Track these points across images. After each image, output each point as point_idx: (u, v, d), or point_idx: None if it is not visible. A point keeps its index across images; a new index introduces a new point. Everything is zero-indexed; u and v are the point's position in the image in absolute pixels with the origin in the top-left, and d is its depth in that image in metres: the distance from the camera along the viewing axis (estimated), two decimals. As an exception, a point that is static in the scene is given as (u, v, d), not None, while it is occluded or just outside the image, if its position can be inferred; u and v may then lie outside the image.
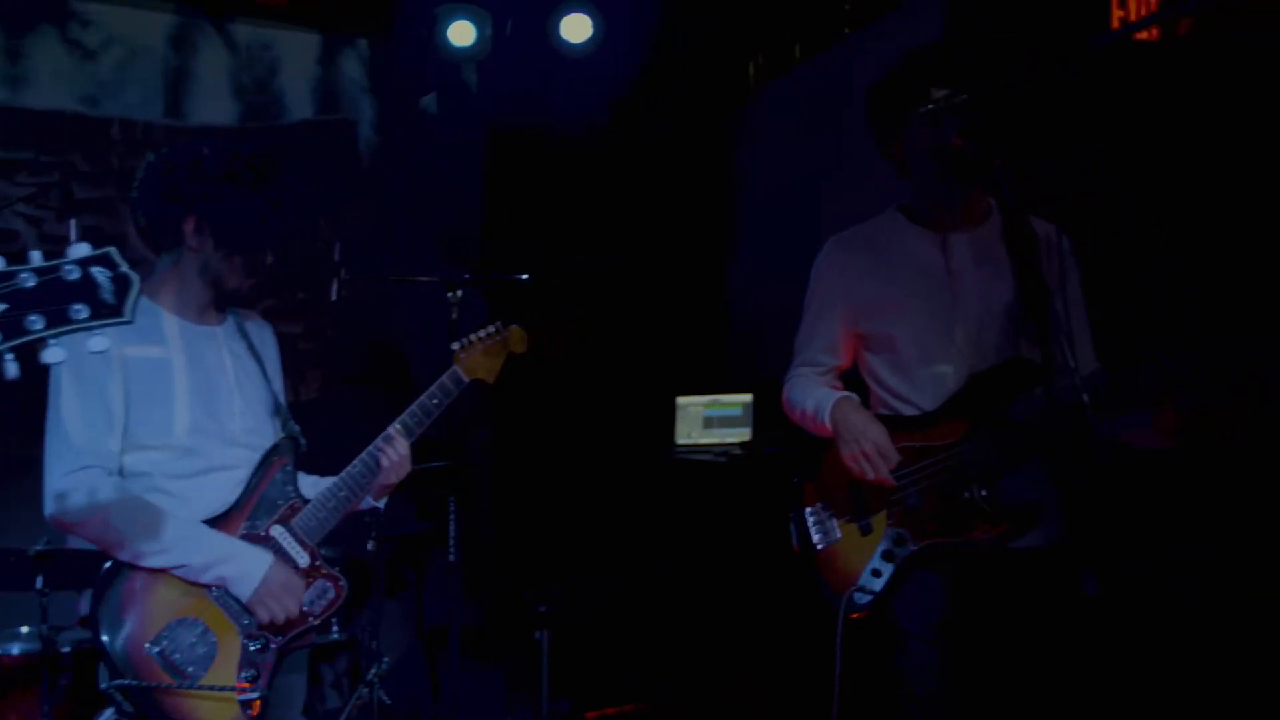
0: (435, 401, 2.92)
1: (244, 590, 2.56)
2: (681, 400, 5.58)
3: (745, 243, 6.26)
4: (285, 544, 2.68)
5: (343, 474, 2.81)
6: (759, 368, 5.54)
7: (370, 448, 2.83)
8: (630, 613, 5.19)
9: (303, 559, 2.69)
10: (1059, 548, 2.57)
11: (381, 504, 2.97)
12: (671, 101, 6.25)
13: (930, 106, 2.60)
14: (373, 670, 3.87)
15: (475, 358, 3.02)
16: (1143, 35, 4.74)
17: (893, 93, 2.71)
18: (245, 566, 2.58)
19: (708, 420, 5.52)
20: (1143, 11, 4.89)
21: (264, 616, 2.58)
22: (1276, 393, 2.36)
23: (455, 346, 3.04)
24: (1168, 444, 2.44)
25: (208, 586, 2.56)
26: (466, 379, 3.00)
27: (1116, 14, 4.88)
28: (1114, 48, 4.57)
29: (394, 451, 2.81)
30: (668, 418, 5.59)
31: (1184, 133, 4.03)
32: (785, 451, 4.98)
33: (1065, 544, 2.56)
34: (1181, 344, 2.35)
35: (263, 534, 2.67)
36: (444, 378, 2.96)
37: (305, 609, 2.66)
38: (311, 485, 2.87)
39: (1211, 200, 3.84)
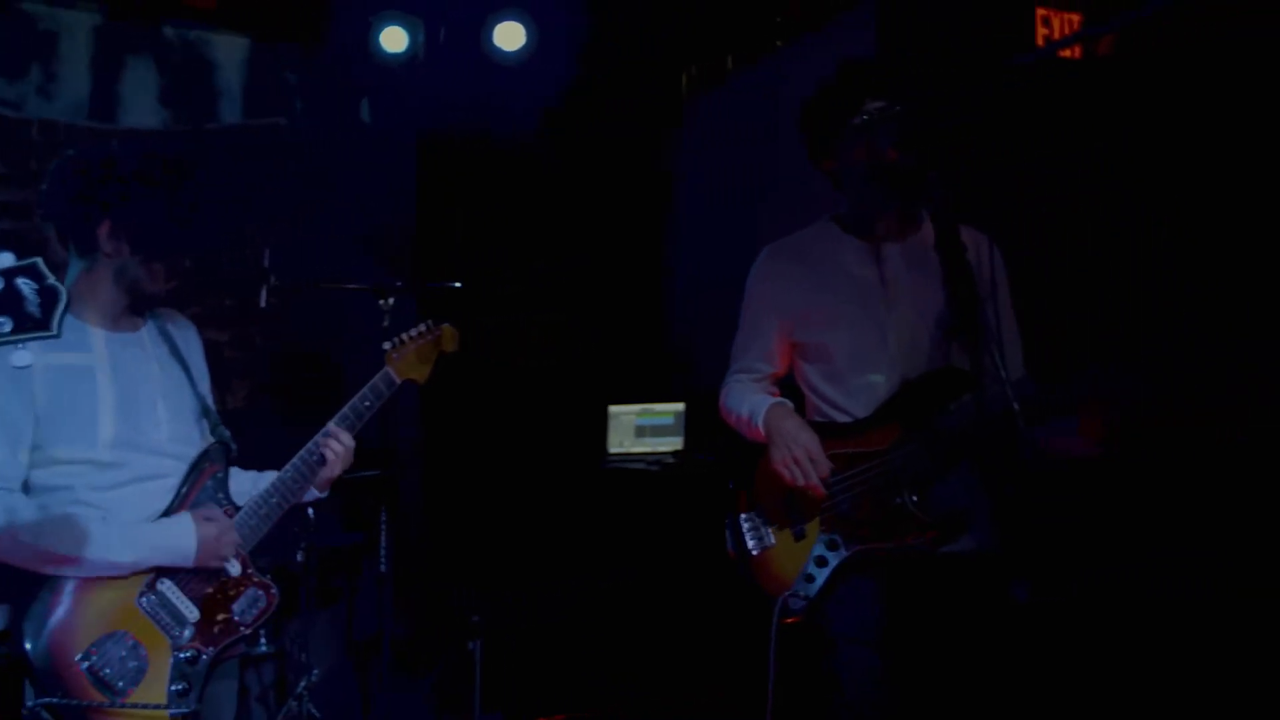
0: (367, 404, 2.89)
1: (185, 561, 2.53)
2: (614, 409, 5.59)
3: (678, 251, 6.29)
4: None
5: (274, 481, 2.76)
6: (691, 377, 5.55)
7: (309, 446, 2.79)
8: (564, 622, 5.18)
9: (234, 567, 2.64)
10: (989, 553, 2.61)
11: (324, 495, 2.92)
12: (604, 110, 6.26)
13: (865, 119, 2.64)
14: (302, 683, 3.81)
15: (407, 358, 2.99)
16: (1066, 53, 4.86)
17: (828, 105, 2.74)
18: (173, 545, 2.54)
19: (640, 429, 5.53)
20: (1066, 30, 5.01)
21: (214, 565, 2.56)
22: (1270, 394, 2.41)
23: (386, 346, 3.00)
24: (1093, 451, 2.49)
25: (138, 598, 2.51)
26: (399, 380, 2.96)
27: (1041, 32, 5.00)
28: (1039, 65, 4.68)
29: (338, 444, 2.79)
30: (600, 426, 5.60)
31: (1107, 146, 4.14)
32: (717, 460, 5.01)
33: (996, 550, 2.60)
34: (1107, 355, 2.41)
35: None
36: (376, 379, 2.93)
37: (236, 618, 2.62)
38: (248, 479, 2.84)
39: (1135, 211, 3.94)
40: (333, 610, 5.09)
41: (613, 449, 5.54)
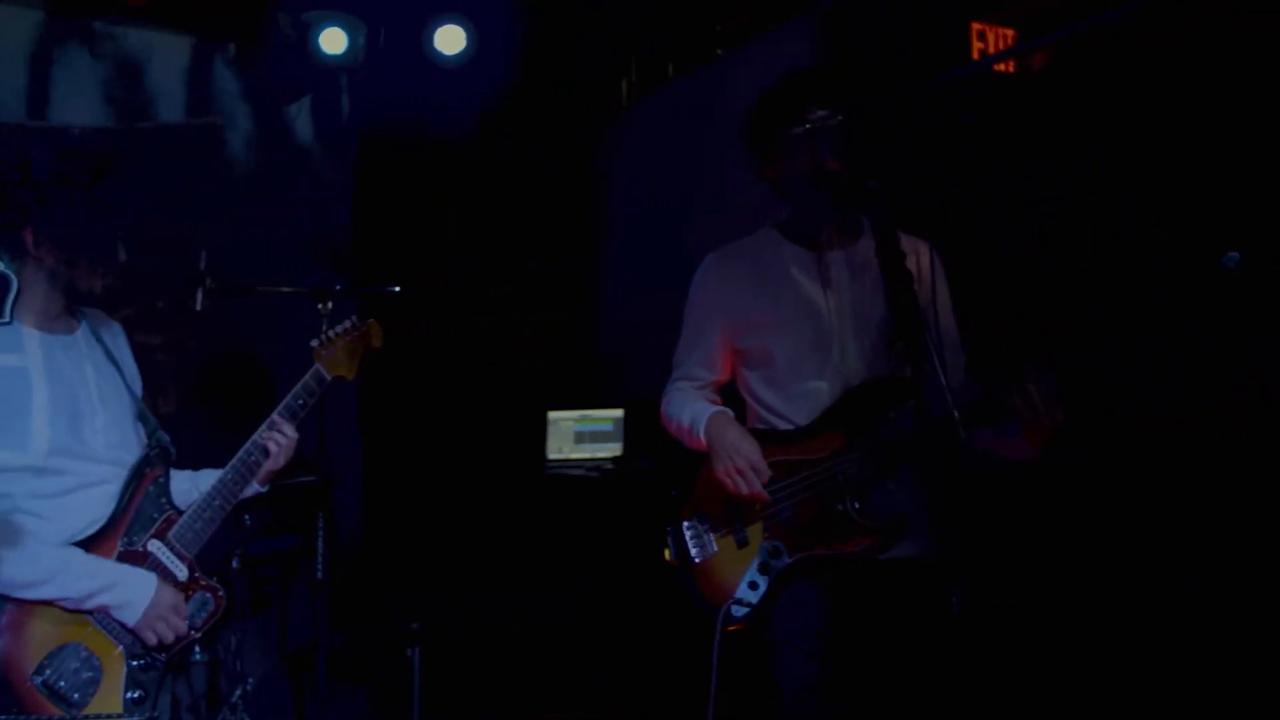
0: (301, 402, 2.88)
1: (130, 616, 2.50)
2: (553, 415, 5.58)
3: (615, 257, 6.30)
4: (163, 558, 2.62)
5: (216, 483, 2.74)
6: (630, 382, 5.57)
7: (249, 443, 2.77)
8: (504, 629, 5.15)
9: (181, 572, 2.62)
10: (931, 559, 2.63)
11: (265, 489, 2.90)
12: (544, 115, 6.26)
13: (807, 127, 2.64)
14: (237, 692, 3.74)
15: (335, 355, 2.97)
16: (1001, 67, 4.96)
17: (771, 113, 2.74)
18: (129, 592, 2.51)
19: (579, 435, 5.53)
20: (1000, 45, 5.11)
21: (151, 640, 2.51)
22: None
23: (314, 344, 2.99)
24: (1033, 455, 2.52)
25: (89, 611, 2.48)
26: (329, 376, 2.95)
27: (976, 46, 5.09)
28: (974, 78, 4.77)
29: (282, 436, 2.78)
30: (539, 432, 5.59)
31: (1041, 156, 4.23)
32: (655, 466, 5.02)
33: (937, 556, 2.62)
34: (1044, 362, 2.44)
35: (140, 550, 2.60)
36: (307, 377, 2.91)
37: (187, 623, 2.59)
38: (187, 479, 2.80)
39: (1072, 217, 4.03)
40: (266, 618, 5.03)
41: (552, 455, 5.54)
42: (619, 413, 5.52)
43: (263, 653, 4.97)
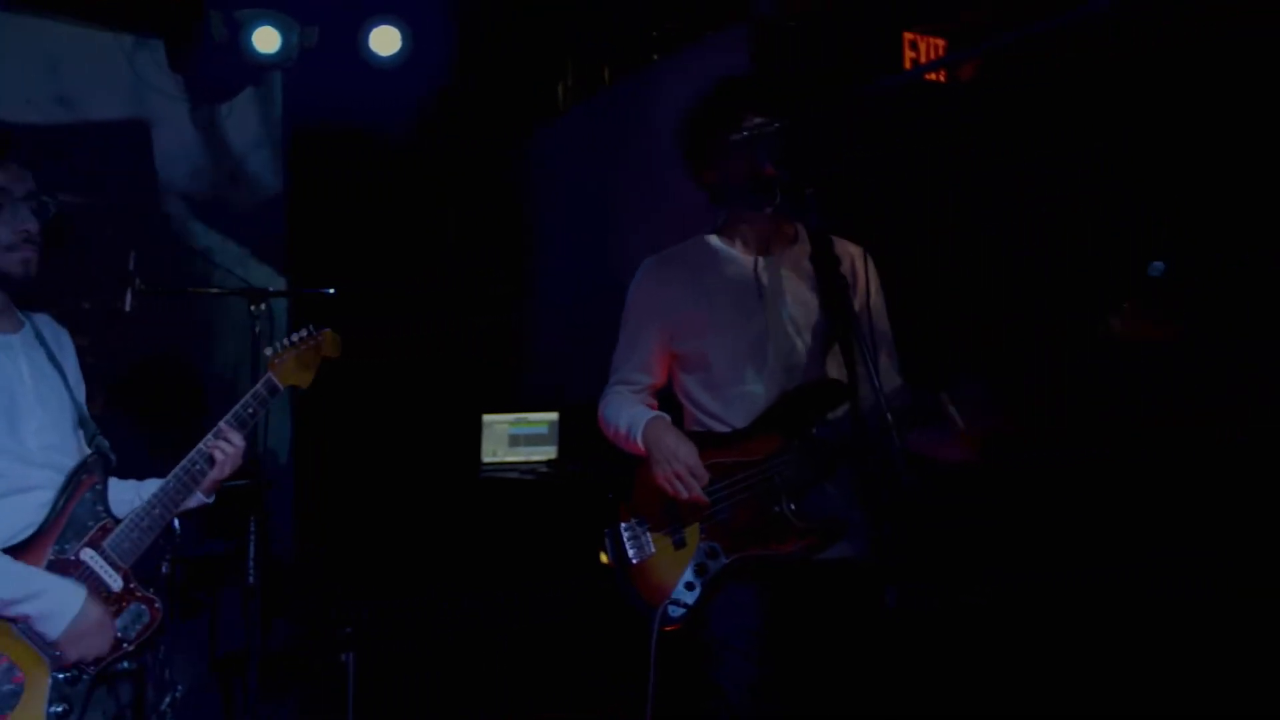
0: (250, 411, 2.82)
1: (51, 629, 2.43)
2: (488, 418, 5.57)
3: (550, 260, 6.30)
4: (97, 568, 2.55)
5: (157, 491, 2.68)
6: (564, 386, 5.57)
7: (194, 452, 2.71)
8: (439, 633, 5.12)
9: (115, 583, 2.57)
10: (867, 560, 2.67)
11: (210, 500, 2.84)
12: (480, 118, 6.25)
13: (745, 134, 2.68)
14: (166, 700, 3.69)
15: (289, 364, 2.91)
16: (932, 76, 5.05)
17: (708, 119, 2.77)
18: (53, 603, 2.44)
19: (514, 438, 5.53)
20: (932, 55, 5.20)
21: (72, 656, 2.45)
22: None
23: (268, 352, 2.93)
24: (968, 457, 2.56)
25: (11, 620, 2.41)
26: (281, 386, 2.88)
27: (908, 55, 5.18)
28: (907, 87, 4.85)
29: (228, 445, 2.72)
30: (474, 435, 5.57)
31: (968, 163, 4.31)
32: (590, 469, 5.03)
33: (873, 556, 2.66)
34: (976, 368, 2.49)
35: (72, 558, 2.53)
36: (259, 385, 2.85)
37: (119, 635, 2.55)
38: (129, 490, 2.75)
39: (1003, 226, 4.11)
40: (197, 624, 4.95)
41: (487, 458, 5.52)
42: (554, 416, 5.52)
43: (194, 659, 4.91)
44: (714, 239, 2.89)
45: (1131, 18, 3.81)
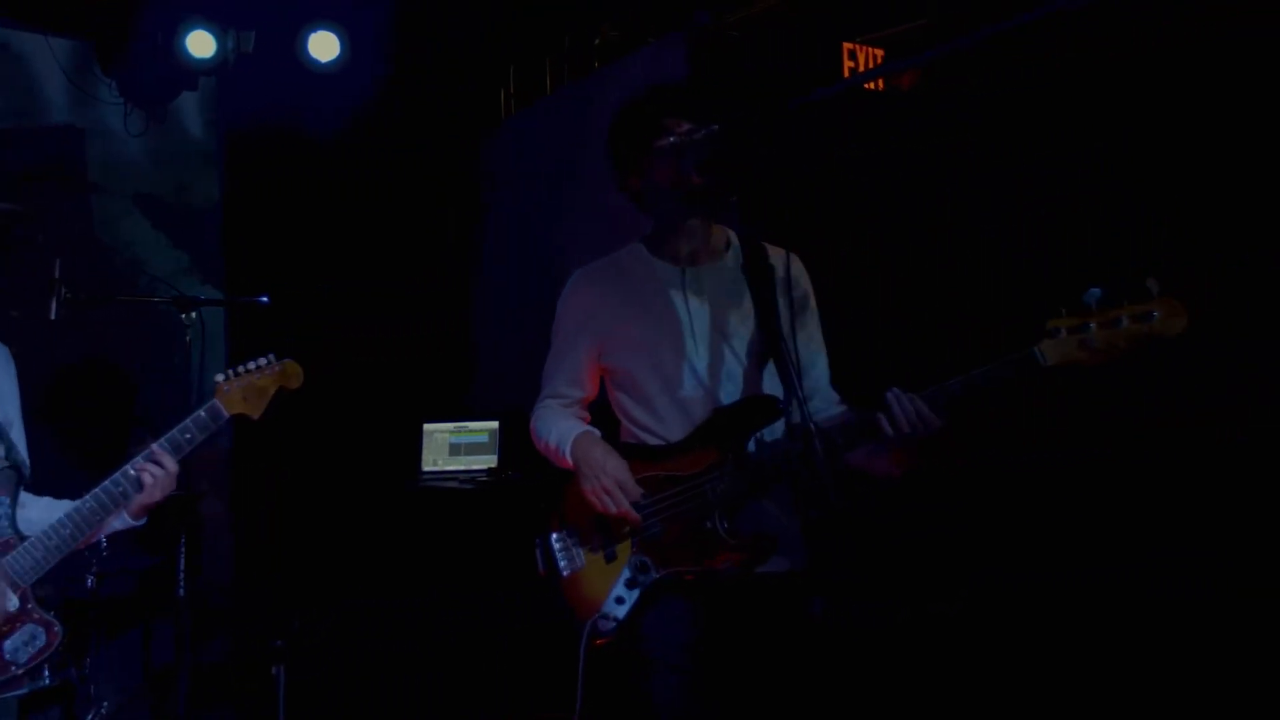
0: (188, 436, 2.72)
1: None
2: (428, 427, 5.53)
3: (492, 268, 6.27)
4: None
5: (69, 510, 2.60)
6: (506, 394, 5.54)
7: (121, 472, 2.63)
8: (376, 643, 5.07)
9: (10, 602, 2.49)
10: (798, 574, 2.66)
11: (141, 523, 2.76)
12: (422, 125, 6.20)
13: (671, 141, 2.65)
14: (89, 716, 3.62)
15: (239, 392, 2.81)
16: (871, 85, 5.09)
17: (634, 127, 2.74)
18: None
19: (454, 447, 5.49)
20: (870, 65, 5.24)
21: None
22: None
23: (219, 378, 2.81)
24: (904, 470, 2.56)
25: None
26: (227, 414, 2.79)
27: (847, 65, 5.21)
28: (845, 95, 4.88)
29: (159, 469, 2.63)
30: (414, 444, 5.52)
31: (906, 170, 4.35)
32: (529, 478, 5.00)
33: (804, 570, 2.66)
34: (910, 384, 2.47)
35: None
36: (201, 411, 2.75)
37: (8, 658, 2.47)
38: (43, 507, 2.68)
39: (940, 234, 4.15)
40: (128, 638, 4.87)
41: (427, 467, 5.48)
42: (494, 424, 5.49)
43: (127, 675, 4.82)
44: (643, 249, 2.85)
45: (1069, 24, 3.86)
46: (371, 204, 6.05)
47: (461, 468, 5.43)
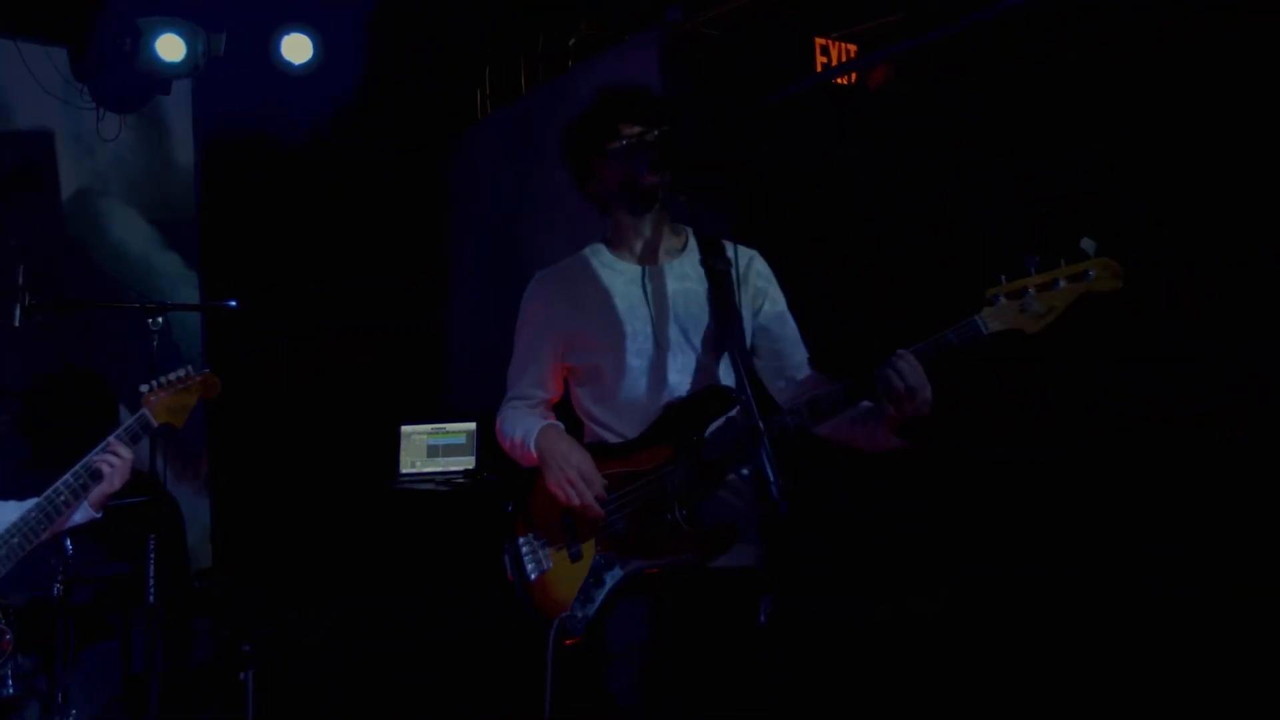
0: (127, 440, 2.82)
1: None
2: (406, 429, 5.52)
3: (468, 268, 6.25)
4: None
5: (28, 510, 2.65)
6: (483, 395, 5.53)
7: (77, 468, 2.71)
8: (352, 646, 5.05)
9: None
10: (758, 567, 2.66)
11: (99, 515, 2.82)
12: (397, 125, 6.19)
13: (622, 144, 2.69)
14: (57, 725, 3.60)
15: (164, 401, 2.95)
16: (843, 80, 5.09)
17: (587, 130, 2.79)
18: None
19: (432, 449, 5.48)
20: (843, 58, 5.25)
21: None
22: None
23: (144, 389, 2.98)
24: (894, 445, 2.51)
25: None
26: (155, 423, 2.93)
27: (820, 60, 5.22)
28: (817, 90, 4.88)
29: (115, 457, 2.74)
30: (392, 446, 5.51)
31: (874, 166, 4.36)
32: (506, 478, 4.99)
33: (763, 564, 2.66)
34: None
35: None
36: (132, 421, 2.89)
37: None
38: (9, 510, 2.70)
39: (905, 227, 4.16)
40: (107, 646, 4.84)
41: (404, 469, 5.46)
42: (472, 426, 5.48)
43: (103, 682, 4.80)
44: (603, 249, 2.89)
45: (1034, 21, 3.87)
46: (347, 206, 6.04)
47: (439, 469, 5.42)
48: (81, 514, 2.76)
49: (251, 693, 3.67)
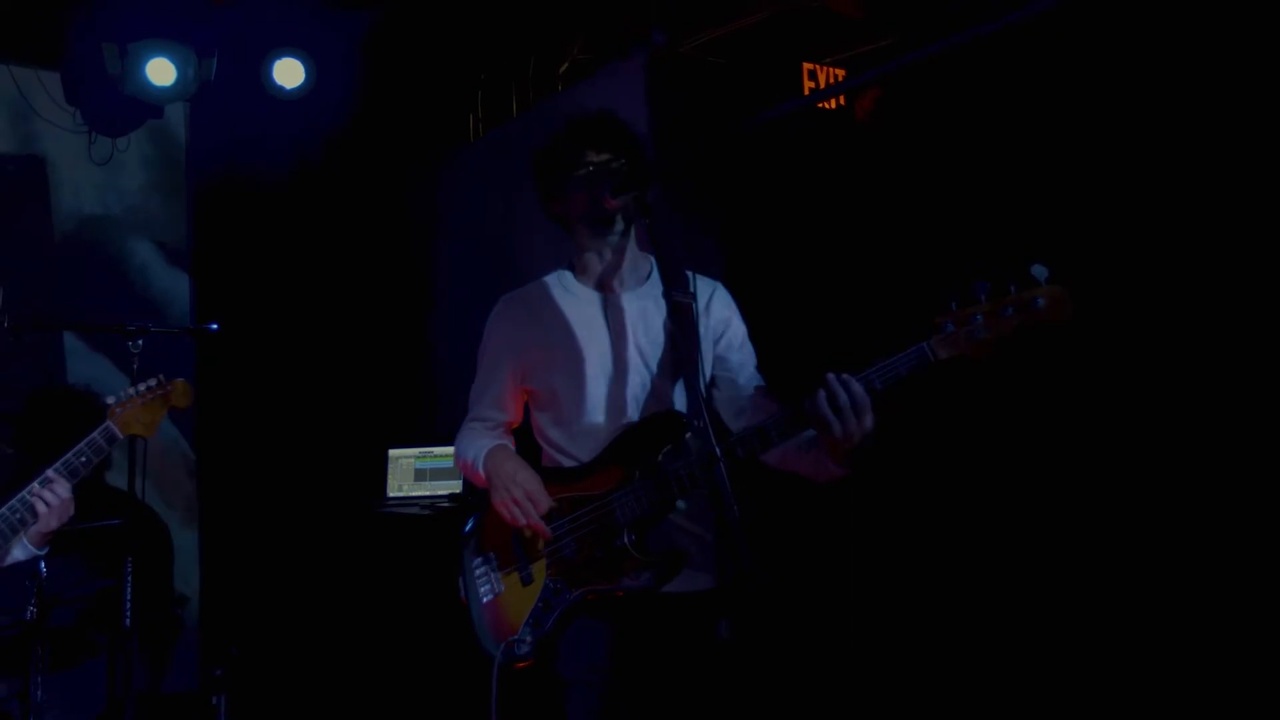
0: (84, 459, 2.81)
1: None
2: (393, 452, 5.51)
3: (457, 292, 6.25)
4: None
5: None
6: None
7: (19, 498, 2.67)
8: (330, 671, 5.03)
9: None
10: (712, 591, 2.65)
11: (43, 552, 2.79)
12: (387, 150, 6.22)
13: (587, 170, 2.74)
14: (29, 748, 3.59)
15: (132, 412, 2.93)
16: (829, 104, 5.09)
17: (554, 156, 2.83)
18: None
19: (420, 472, 5.47)
20: (831, 82, 5.24)
21: None
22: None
23: (110, 401, 2.96)
24: (839, 474, 2.50)
25: None
26: (121, 435, 2.90)
27: (808, 85, 5.22)
28: (802, 114, 4.89)
29: (53, 495, 2.67)
30: (380, 469, 5.51)
31: (859, 190, 4.37)
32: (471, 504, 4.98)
33: (717, 587, 2.65)
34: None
35: None
36: (95, 434, 2.86)
37: None
38: None
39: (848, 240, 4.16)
40: (90, 667, 4.84)
41: (392, 493, 5.45)
42: (459, 449, 5.46)
43: (85, 703, 4.79)
44: (568, 274, 2.91)
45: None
46: (338, 229, 6.06)
47: (427, 493, 5.41)
48: (22, 550, 2.73)
49: (225, 717, 3.65)
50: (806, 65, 5.25)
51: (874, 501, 3.89)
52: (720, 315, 2.84)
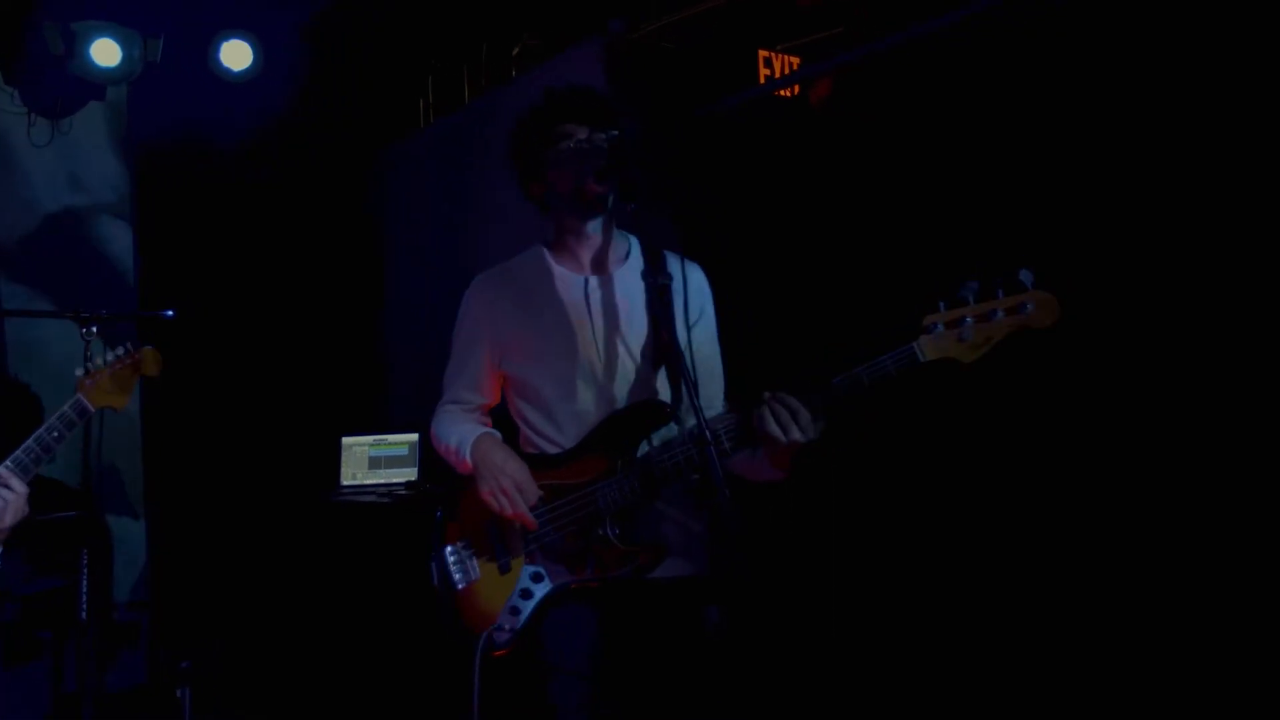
0: (55, 435, 2.72)
1: None
2: (347, 440, 5.45)
3: (410, 278, 6.20)
4: None
5: None
6: (425, 405, 5.48)
7: None
8: (289, 661, 4.98)
9: None
10: (696, 579, 2.65)
11: None
12: (336, 134, 6.14)
13: (569, 146, 2.65)
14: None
15: (102, 384, 2.83)
16: (785, 92, 5.11)
17: (533, 132, 2.73)
18: None
19: (374, 460, 5.41)
20: (786, 72, 5.26)
21: None
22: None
23: (79, 373, 2.85)
24: (779, 478, 2.54)
25: None
26: (93, 408, 2.81)
27: (763, 72, 5.23)
28: (758, 102, 4.90)
29: (8, 491, 2.59)
30: (333, 458, 5.44)
31: (815, 179, 4.38)
32: (445, 489, 4.95)
33: (702, 575, 2.64)
34: (785, 387, 2.45)
35: None
36: (65, 408, 2.76)
37: None
38: None
39: (830, 236, 4.17)
40: (36, 665, 4.73)
41: (346, 481, 5.40)
42: (414, 437, 5.42)
43: (30, 703, 4.69)
44: (545, 254, 2.82)
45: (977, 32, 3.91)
46: (286, 214, 5.97)
47: (381, 481, 5.36)
48: None
49: (189, 710, 3.59)
50: (762, 52, 5.28)
51: (857, 500, 3.90)
52: (698, 300, 2.78)
